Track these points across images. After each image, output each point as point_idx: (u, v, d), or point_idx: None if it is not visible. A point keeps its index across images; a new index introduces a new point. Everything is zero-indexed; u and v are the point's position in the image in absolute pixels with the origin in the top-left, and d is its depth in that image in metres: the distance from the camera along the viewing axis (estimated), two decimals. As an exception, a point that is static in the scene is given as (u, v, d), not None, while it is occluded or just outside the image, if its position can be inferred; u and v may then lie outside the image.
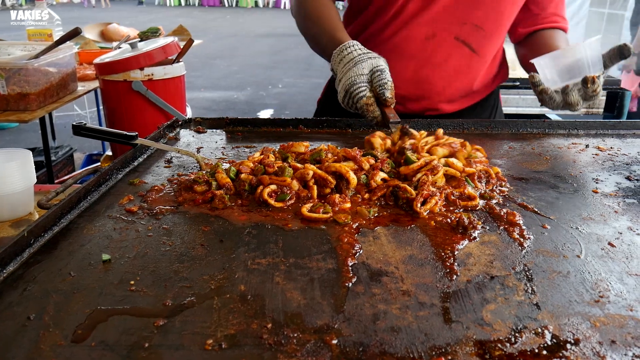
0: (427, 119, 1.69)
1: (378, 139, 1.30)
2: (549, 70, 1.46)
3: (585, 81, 1.40)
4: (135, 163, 1.35)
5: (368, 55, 1.40)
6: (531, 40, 1.78)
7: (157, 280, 0.82)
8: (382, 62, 1.39)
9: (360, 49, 1.42)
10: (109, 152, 4.01)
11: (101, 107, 4.04)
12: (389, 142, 1.30)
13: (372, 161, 1.19)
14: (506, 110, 2.60)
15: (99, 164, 4.09)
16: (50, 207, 1.02)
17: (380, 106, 1.39)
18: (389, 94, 1.36)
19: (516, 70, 2.94)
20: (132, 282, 0.82)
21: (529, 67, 1.58)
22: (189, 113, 3.58)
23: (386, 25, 1.65)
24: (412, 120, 1.68)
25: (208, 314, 0.74)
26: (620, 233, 1.00)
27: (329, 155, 1.23)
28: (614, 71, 5.93)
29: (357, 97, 1.36)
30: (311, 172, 1.12)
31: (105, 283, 0.82)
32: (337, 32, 1.53)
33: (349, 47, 1.42)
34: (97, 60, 3.14)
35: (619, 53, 1.42)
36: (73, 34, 2.93)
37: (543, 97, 1.48)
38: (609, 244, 0.96)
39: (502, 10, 1.66)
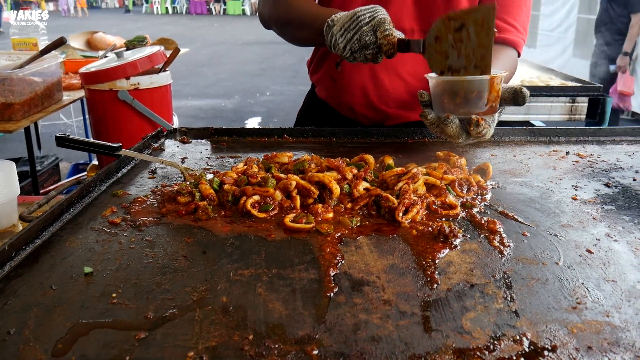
0: (394, 127, 1.71)
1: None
2: (439, 91, 1.27)
3: (469, 121, 1.22)
4: (119, 174, 1.35)
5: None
6: None
7: (139, 293, 0.82)
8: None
9: None
10: (95, 162, 3.99)
11: (87, 116, 4.03)
12: None
13: (355, 171, 1.21)
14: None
15: (84, 173, 4.07)
16: (33, 219, 1.02)
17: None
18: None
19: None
20: (114, 295, 0.82)
21: None
22: (176, 122, 3.58)
23: None
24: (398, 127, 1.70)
25: (190, 326, 0.74)
26: (598, 239, 1.02)
27: (312, 165, 1.24)
28: (607, 69, 5.99)
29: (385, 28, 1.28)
30: (294, 183, 1.12)
31: (86, 296, 0.81)
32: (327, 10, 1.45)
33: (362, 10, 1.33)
34: (82, 70, 3.13)
35: (513, 99, 1.23)
36: (58, 44, 2.93)
37: (423, 120, 1.30)
38: (587, 250, 0.97)
39: None
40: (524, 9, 1.61)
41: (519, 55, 1.63)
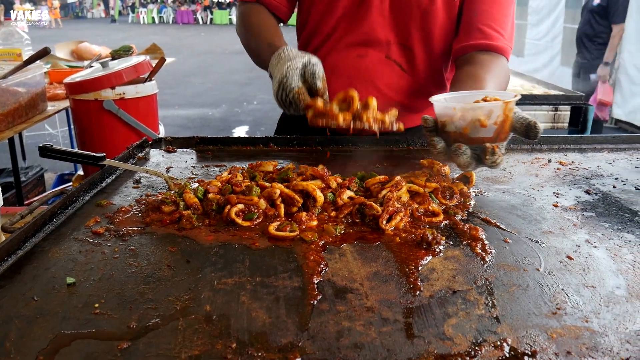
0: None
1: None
2: (447, 117, 1.19)
3: (483, 150, 1.15)
4: (104, 184, 1.35)
5: (302, 53, 1.43)
6: (461, 64, 1.59)
7: (122, 303, 0.82)
8: (315, 58, 1.41)
9: (295, 50, 1.45)
10: (80, 172, 3.96)
11: (73, 127, 4.00)
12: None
13: (339, 179, 1.21)
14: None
15: (70, 184, 4.04)
16: (15, 230, 1.02)
17: (313, 97, 1.39)
18: (320, 83, 1.37)
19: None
20: (97, 305, 0.81)
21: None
22: (162, 131, 3.57)
23: (321, 45, 1.71)
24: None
25: (173, 335, 0.74)
26: (578, 246, 1.03)
27: (297, 173, 1.24)
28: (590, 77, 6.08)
29: (289, 86, 1.36)
30: (278, 191, 1.13)
31: (69, 307, 0.81)
32: (276, 40, 1.56)
33: (286, 49, 1.45)
34: (67, 80, 3.11)
35: (525, 131, 1.16)
36: (42, 54, 2.91)
37: (430, 149, 1.23)
38: (567, 256, 0.99)
39: (429, 32, 1.63)
40: (509, 17, 1.62)
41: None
